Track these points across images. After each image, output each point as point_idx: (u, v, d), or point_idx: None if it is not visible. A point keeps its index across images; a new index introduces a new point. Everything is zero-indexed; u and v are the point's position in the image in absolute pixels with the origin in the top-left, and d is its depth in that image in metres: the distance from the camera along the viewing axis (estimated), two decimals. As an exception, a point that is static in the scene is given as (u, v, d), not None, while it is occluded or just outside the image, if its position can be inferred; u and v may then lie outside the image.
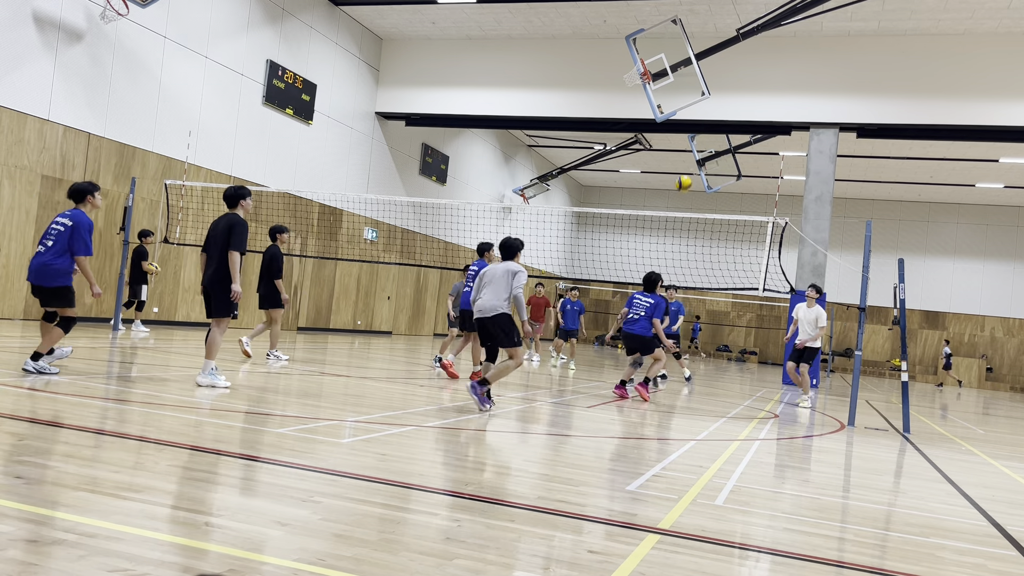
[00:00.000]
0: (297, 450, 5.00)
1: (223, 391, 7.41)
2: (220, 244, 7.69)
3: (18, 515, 3.12)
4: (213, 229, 7.85)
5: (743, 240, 35.47)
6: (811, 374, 18.79)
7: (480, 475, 4.91)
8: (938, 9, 18.17)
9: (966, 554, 4.11)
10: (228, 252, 7.61)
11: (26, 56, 13.66)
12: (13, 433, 4.62)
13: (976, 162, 28.62)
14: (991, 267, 35.79)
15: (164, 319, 16.77)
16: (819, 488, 5.63)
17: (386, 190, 24.41)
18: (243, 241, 7.68)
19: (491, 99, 22.79)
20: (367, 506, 3.83)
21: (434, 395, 9.11)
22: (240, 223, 7.70)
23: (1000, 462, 8.25)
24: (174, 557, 2.85)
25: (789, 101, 20.50)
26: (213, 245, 7.77)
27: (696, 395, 13.33)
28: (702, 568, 3.36)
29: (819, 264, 19.57)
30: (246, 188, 8.09)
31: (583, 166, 33.75)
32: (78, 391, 6.54)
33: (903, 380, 10.11)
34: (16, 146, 13.66)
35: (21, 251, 13.88)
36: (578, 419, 8.26)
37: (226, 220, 7.76)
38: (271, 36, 19.40)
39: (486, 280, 8.26)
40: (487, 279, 8.25)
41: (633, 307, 11.04)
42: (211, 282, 7.71)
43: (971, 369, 32.91)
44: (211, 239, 7.82)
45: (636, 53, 16.82)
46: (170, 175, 16.54)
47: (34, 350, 7.57)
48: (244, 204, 7.99)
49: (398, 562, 3.03)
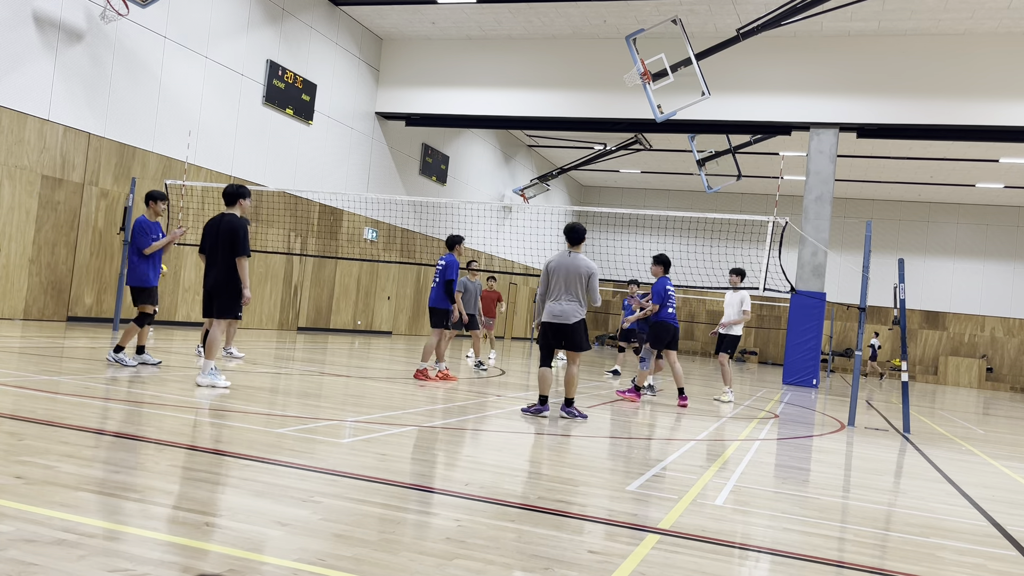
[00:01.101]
0: (297, 450, 5.00)
1: (223, 391, 7.42)
2: (225, 247, 7.73)
3: (18, 515, 3.12)
4: (213, 230, 7.88)
5: (743, 240, 35.47)
6: (810, 374, 18.90)
7: (480, 475, 4.91)
8: (938, 9, 18.17)
9: (966, 554, 4.11)
10: (236, 258, 7.71)
11: (26, 56, 13.66)
12: (13, 433, 4.62)
13: (976, 162, 28.62)
14: (991, 267, 35.79)
15: (164, 319, 16.77)
16: (819, 488, 5.63)
17: (386, 190, 24.40)
18: (248, 244, 7.77)
19: (491, 99, 22.79)
20: (367, 506, 3.83)
21: (434, 395, 9.11)
22: (243, 227, 7.77)
23: (1000, 462, 8.25)
24: (174, 557, 2.85)
25: (789, 101, 20.50)
26: (215, 247, 7.80)
27: (696, 395, 13.33)
28: (702, 568, 3.36)
29: (819, 264, 19.57)
30: (247, 188, 8.14)
31: (583, 166, 33.75)
32: (78, 391, 6.54)
33: (903, 380, 10.11)
34: (16, 146, 13.66)
35: (21, 251, 13.88)
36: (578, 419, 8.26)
37: (228, 223, 7.77)
38: (271, 36, 19.40)
39: (560, 278, 7.95)
40: (561, 277, 7.95)
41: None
42: (217, 285, 7.77)
43: (971, 369, 32.91)
44: (212, 240, 7.85)
45: (636, 53, 16.82)
46: (170, 175, 16.54)
47: (126, 345, 8.77)
48: (243, 204, 8.06)
49: (398, 562, 3.03)
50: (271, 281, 19.96)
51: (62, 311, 14.71)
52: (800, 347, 18.94)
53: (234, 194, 8.00)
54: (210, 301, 7.91)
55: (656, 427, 8.41)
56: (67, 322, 14.61)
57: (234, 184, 8.15)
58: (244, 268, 7.73)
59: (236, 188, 8.04)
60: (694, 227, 34.81)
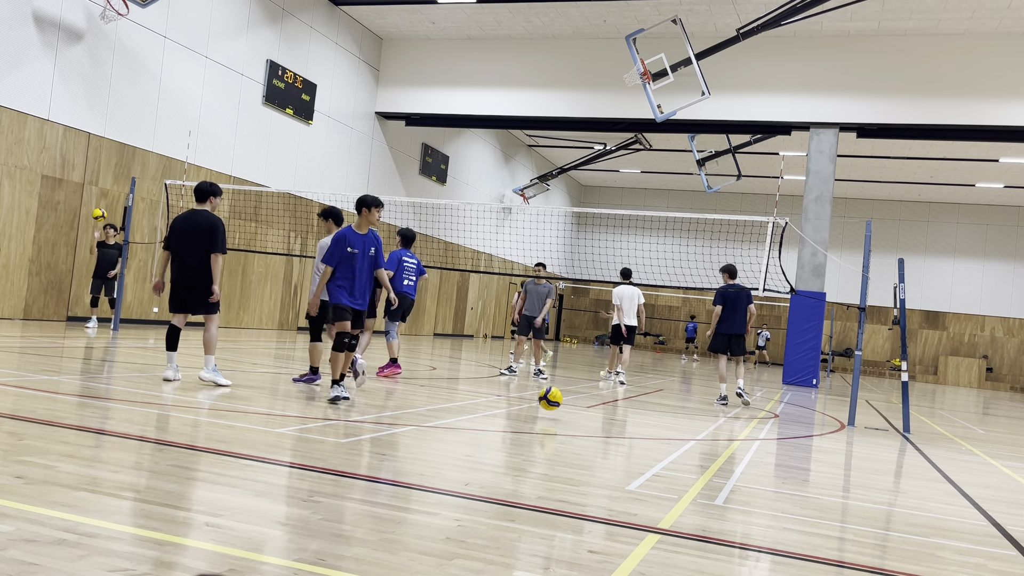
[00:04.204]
0: (297, 450, 5.00)
1: (224, 390, 7.44)
2: (203, 244, 7.69)
3: (18, 515, 3.12)
4: (186, 226, 7.74)
5: (743, 240, 35.48)
6: (810, 374, 18.90)
7: (480, 475, 4.91)
8: (938, 9, 18.17)
9: (966, 554, 4.11)
10: (212, 254, 7.70)
11: (26, 56, 13.66)
12: (13, 433, 4.62)
13: (976, 162, 28.62)
14: (991, 267, 35.79)
15: (164, 319, 16.76)
16: (819, 488, 5.63)
17: (386, 190, 24.40)
18: (225, 242, 7.82)
19: (491, 99, 22.79)
20: (367, 506, 3.83)
21: (434, 395, 9.11)
22: (221, 224, 7.80)
23: (1000, 462, 8.25)
24: (174, 557, 2.85)
25: (789, 101, 20.50)
26: (190, 243, 7.71)
27: (697, 395, 13.33)
28: (702, 568, 3.36)
29: (819, 264, 19.57)
30: (219, 187, 8.13)
31: (583, 166, 33.75)
32: (78, 391, 6.54)
33: (903, 380, 10.11)
34: (16, 146, 13.66)
35: (21, 251, 13.88)
36: (578, 419, 8.26)
37: (207, 219, 7.75)
38: (271, 36, 19.40)
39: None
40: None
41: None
42: (197, 282, 7.74)
43: (971, 369, 32.91)
44: (186, 236, 7.72)
45: (636, 53, 16.82)
46: (170, 175, 16.54)
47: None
48: (213, 201, 8.00)
49: (398, 562, 3.03)
50: (271, 281, 19.95)
51: (62, 311, 14.71)
52: (800, 347, 18.95)
53: (207, 191, 7.95)
54: (182, 297, 7.81)
55: (656, 427, 8.41)
56: (67, 322, 14.61)
57: (207, 181, 8.11)
58: (219, 265, 7.76)
59: (209, 185, 8.01)
60: (694, 227, 34.81)
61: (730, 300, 11.56)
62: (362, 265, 7.49)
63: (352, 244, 7.41)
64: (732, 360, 11.78)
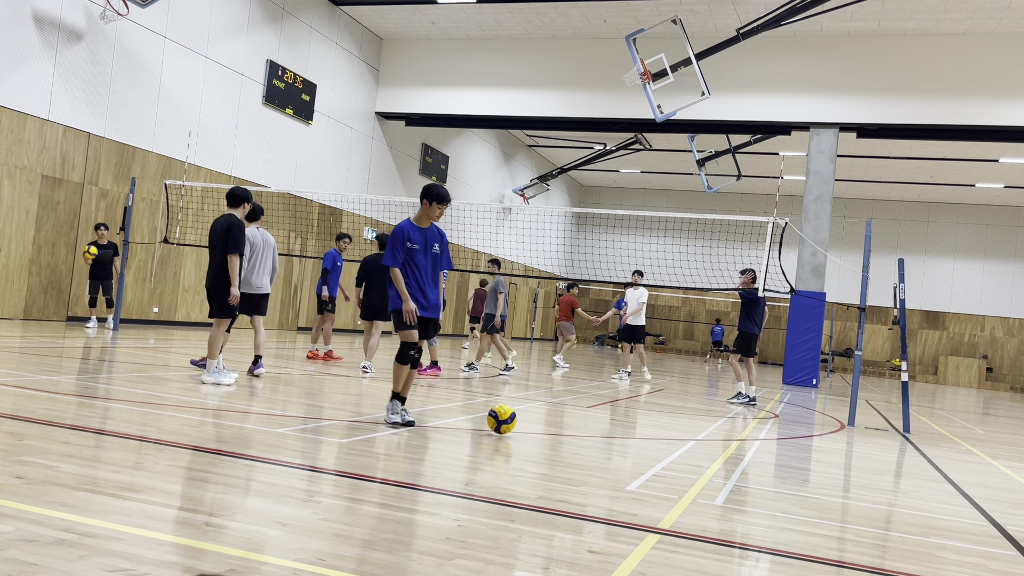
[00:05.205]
0: (297, 450, 5.00)
1: (227, 388, 7.46)
2: (220, 247, 7.77)
3: (18, 515, 3.12)
4: (212, 230, 7.98)
5: (743, 240, 35.48)
6: (810, 374, 18.89)
7: (480, 475, 4.91)
8: (938, 9, 18.17)
9: (966, 554, 4.11)
10: (228, 255, 7.72)
11: (26, 56, 13.66)
12: (13, 433, 4.62)
13: (976, 162, 28.62)
14: (991, 267, 35.79)
15: (164, 319, 16.77)
16: (819, 488, 5.63)
17: (386, 190, 24.41)
18: (241, 243, 7.77)
19: (491, 99, 22.79)
20: (367, 506, 3.83)
21: (434, 395, 9.11)
22: (238, 224, 7.80)
23: (1000, 462, 8.25)
24: (174, 557, 2.85)
25: (789, 101, 20.50)
26: (213, 247, 7.90)
27: (697, 395, 13.34)
28: (702, 568, 3.36)
29: (819, 264, 19.57)
30: (250, 192, 8.24)
31: (583, 166, 33.75)
32: (78, 391, 6.54)
33: (903, 380, 10.11)
34: (16, 146, 13.66)
35: (21, 251, 13.88)
36: (578, 419, 8.27)
37: (224, 221, 7.84)
38: (271, 36, 19.40)
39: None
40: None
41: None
42: (213, 283, 7.81)
43: (971, 369, 32.91)
44: (212, 239, 7.95)
45: (636, 53, 16.82)
46: (170, 175, 16.54)
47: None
48: (246, 207, 8.23)
49: (398, 562, 3.03)
50: (271, 281, 19.94)
51: (62, 311, 14.71)
52: (800, 347, 18.95)
53: (240, 196, 8.12)
54: (209, 301, 7.99)
55: (656, 427, 8.41)
56: (67, 322, 14.61)
57: (240, 187, 8.24)
58: (234, 266, 7.76)
59: (241, 191, 8.16)
60: (694, 227, 34.81)
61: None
62: (425, 263, 6.54)
63: (412, 239, 6.51)
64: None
